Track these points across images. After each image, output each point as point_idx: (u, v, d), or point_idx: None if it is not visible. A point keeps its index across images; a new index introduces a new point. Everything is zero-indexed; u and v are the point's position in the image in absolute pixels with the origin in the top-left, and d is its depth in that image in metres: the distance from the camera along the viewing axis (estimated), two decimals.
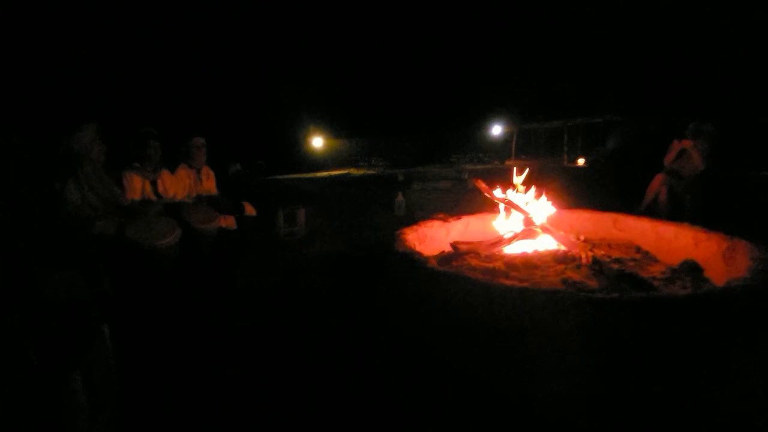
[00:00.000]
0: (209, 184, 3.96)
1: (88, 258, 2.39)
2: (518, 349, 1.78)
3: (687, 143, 4.80)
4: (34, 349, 1.04)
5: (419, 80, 25.85)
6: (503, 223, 3.25)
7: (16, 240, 1.91)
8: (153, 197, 3.40)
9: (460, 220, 3.51)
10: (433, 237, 3.24)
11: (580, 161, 16.86)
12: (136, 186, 3.34)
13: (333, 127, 23.56)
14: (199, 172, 3.88)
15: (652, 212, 4.59)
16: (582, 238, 3.11)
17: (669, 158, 4.97)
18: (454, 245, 2.81)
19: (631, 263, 2.61)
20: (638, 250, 2.96)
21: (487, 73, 24.84)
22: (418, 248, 2.74)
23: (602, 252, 2.72)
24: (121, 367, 1.47)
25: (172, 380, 2.01)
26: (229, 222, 3.63)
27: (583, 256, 2.53)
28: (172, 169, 3.70)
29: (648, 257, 2.84)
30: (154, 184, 3.47)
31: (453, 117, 23.78)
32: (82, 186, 2.63)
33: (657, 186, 4.85)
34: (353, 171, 18.79)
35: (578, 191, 6.83)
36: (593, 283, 2.25)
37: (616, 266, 2.34)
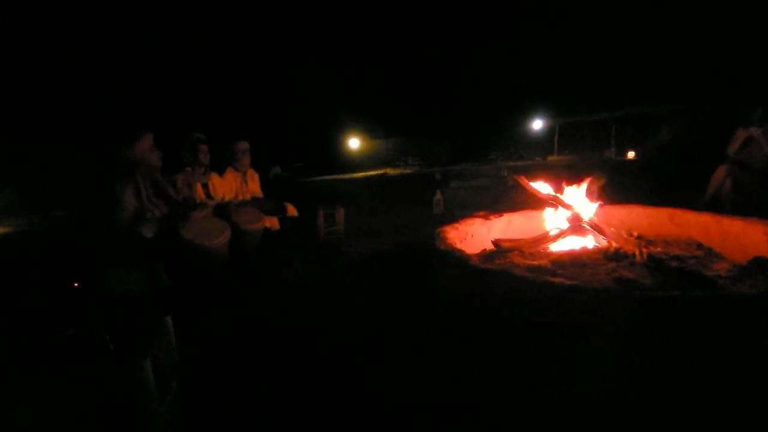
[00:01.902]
0: (254, 186, 4.13)
1: (148, 257, 2.58)
2: (567, 349, 1.71)
3: (756, 131, 4.39)
4: (110, 337, 1.15)
5: (455, 76, 25.44)
6: (548, 220, 3.13)
7: (88, 241, 2.10)
8: (204, 199, 3.60)
9: (501, 218, 3.42)
10: (474, 235, 3.18)
11: (630, 154, 15.90)
12: (188, 189, 3.55)
13: (369, 127, 23.78)
14: (244, 174, 4.06)
15: (715, 207, 4.23)
16: (635, 234, 2.93)
17: (734, 147, 4.56)
18: (496, 243, 2.74)
19: (692, 261, 2.42)
20: (700, 246, 2.75)
21: (526, 65, 23.97)
22: (459, 246, 2.71)
23: (658, 249, 2.55)
24: (181, 354, 1.58)
25: (226, 368, 2.13)
26: (272, 222, 3.78)
27: (637, 253, 2.39)
28: (220, 173, 3.90)
29: (711, 254, 2.62)
30: (204, 186, 3.68)
31: (491, 113, 23.18)
32: (140, 190, 2.83)
33: (720, 178, 4.47)
34: (390, 171, 18.87)
35: (628, 186, 6.44)
36: (649, 282, 2.12)
37: (674, 263, 2.19)
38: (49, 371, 1.17)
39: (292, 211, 4.02)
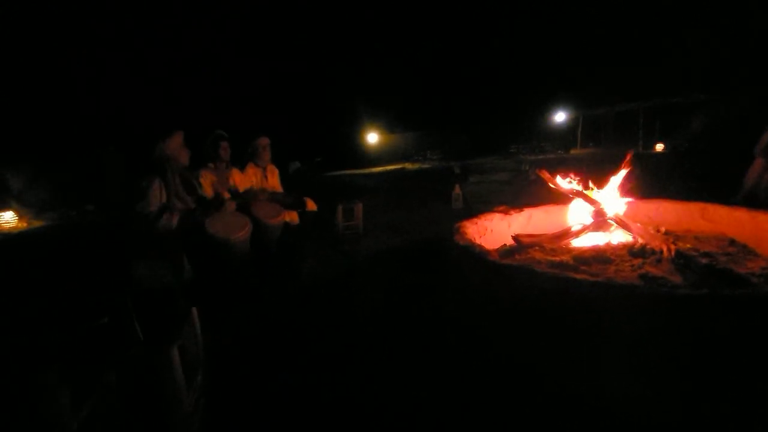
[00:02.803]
0: (274, 182, 4.19)
1: (172, 250, 2.67)
2: (590, 347, 1.68)
3: None
4: (141, 327, 1.20)
5: (474, 69, 24.95)
6: (570, 215, 3.06)
7: (119, 234, 2.18)
8: (226, 194, 3.68)
9: (522, 213, 3.37)
10: (493, 230, 3.14)
11: (658, 147, 15.29)
12: (211, 183, 3.64)
13: (388, 122, 23.69)
14: (265, 170, 4.13)
15: (751, 202, 4.03)
16: (662, 230, 2.84)
17: (762, 143, 4.32)
18: (516, 238, 2.70)
19: (724, 258, 2.32)
20: (732, 243, 2.63)
21: (547, 55, 23.25)
22: (478, 242, 2.68)
23: (688, 245, 2.46)
24: (205, 347, 1.63)
25: (247, 362, 2.18)
26: (292, 217, 3.83)
27: (665, 249, 2.31)
28: (241, 168, 3.97)
29: (745, 251, 2.51)
30: (226, 181, 3.76)
31: (511, 105, 22.66)
32: (169, 184, 2.92)
33: (757, 173, 4.24)
34: (408, 165, 18.79)
35: (656, 180, 6.22)
36: (677, 279, 2.04)
37: (704, 261, 2.11)
38: (83, 357, 1.24)
39: (311, 205, 4.07)
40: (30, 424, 1.04)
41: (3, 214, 9.03)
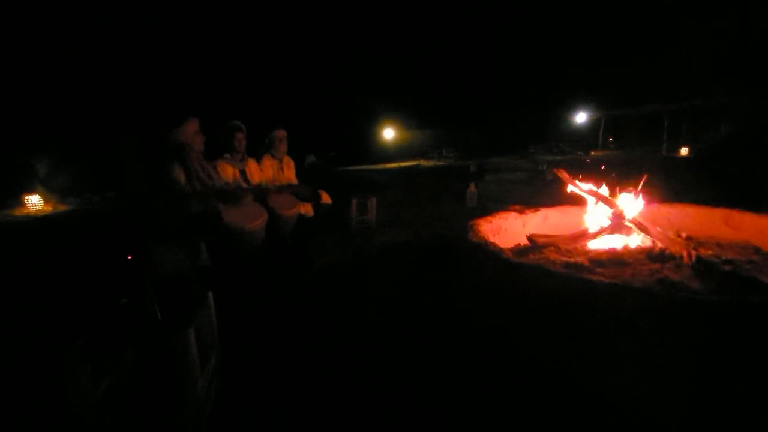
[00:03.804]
0: (290, 174, 4.23)
1: (189, 237, 2.73)
2: (603, 349, 1.65)
3: None
4: (159, 308, 1.24)
5: (492, 64, 24.52)
6: (588, 217, 3.01)
7: (139, 219, 2.24)
8: (243, 184, 3.73)
9: (538, 212, 3.32)
10: (508, 229, 3.11)
11: (683, 151, 14.82)
12: (228, 174, 3.70)
13: (404, 118, 23.58)
14: (281, 162, 4.17)
15: None
16: (683, 235, 2.76)
17: None
18: (531, 238, 2.67)
19: (748, 266, 2.25)
20: (757, 251, 2.55)
21: (568, 51, 22.66)
22: (491, 240, 2.66)
23: (709, 252, 2.39)
24: (219, 331, 1.67)
25: (259, 348, 2.23)
26: (307, 209, 3.87)
27: (685, 254, 2.25)
28: (257, 159, 4.02)
29: None
30: (242, 172, 3.81)
31: (530, 104, 22.23)
32: (189, 171, 2.99)
33: None
34: (423, 162, 18.72)
35: (680, 185, 6.04)
36: (696, 286, 1.99)
37: (727, 268, 2.04)
38: (103, 336, 1.28)
39: (326, 198, 4.09)
40: (49, 400, 1.09)
41: (30, 197, 9.38)
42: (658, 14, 19.84)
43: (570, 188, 2.99)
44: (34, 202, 9.30)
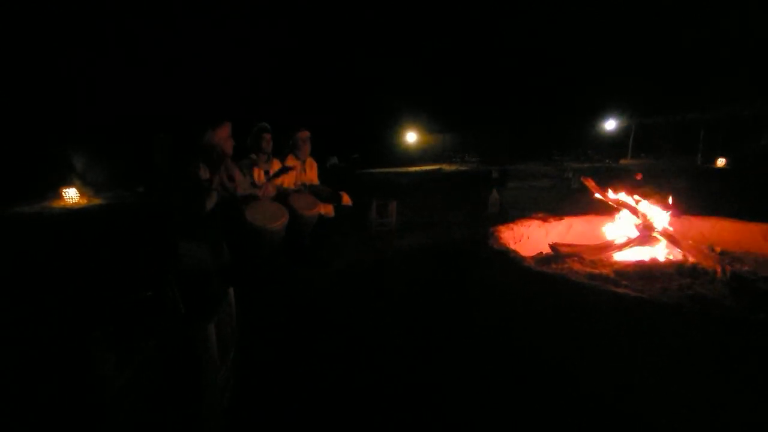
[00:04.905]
0: (312, 175, 4.28)
1: (213, 235, 2.80)
2: (628, 363, 1.59)
3: None
4: (182, 301, 1.28)
5: (517, 69, 24.06)
6: (614, 227, 2.91)
7: (166, 215, 2.32)
8: (267, 185, 3.80)
9: (561, 221, 3.24)
10: (530, 237, 3.05)
11: (720, 161, 14.15)
12: (254, 174, 3.78)
13: (426, 122, 23.50)
14: (303, 163, 4.23)
15: None
16: (717, 250, 2.64)
17: None
18: (554, 246, 2.60)
19: None
20: None
21: (598, 56, 21.96)
22: (513, 247, 2.61)
23: (746, 268, 2.27)
24: (240, 322, 1.70)
25: (277, 343, 2.26)
26: (327, 210, 3.90)
27: (719, 270, 2.14)
28: (282, 160, 4.09)
29: None
30: (267, 173, 3.89)
31: (557, 109, 21.72)
32: (215, 172, 3.07)
33: None
34: (445, 167, 18.58)
35: (715, 197, 5.77)
36: (730, 303, 1.89)
37: (765, 286, 1.93)
38: (129, 326, 1.33)
39: (347, 200, 4.12)
40: (75, 384, 1.14)
41: (68, 190, 9.86)
42: (694, 20, 19.02)
43: (597, 195, 2.91)
44: (71, 195, 9.77)
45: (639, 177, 6.89)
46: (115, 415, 1.19)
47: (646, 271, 2.28)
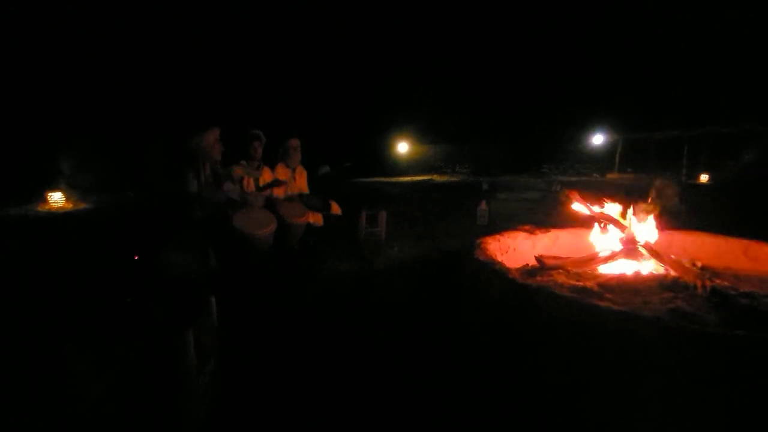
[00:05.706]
0: (302, 183, 4.28)
1: (198, 241, 2.77)
2: (609, 376, 1.60)
3: None
4: (160, 308, 1.26)
5: (508, 82, 24.49)
6: (599, 240, 2.95)
7: (151, 221, 2.29)
8: (255, 192, 3.79)
9: (548, 233, 3.28)
10: (516, 249, 3.08)
11: (703, 178, 14.51)
12: (242, 180, 3.76)
13: (418, 133, 23.71)
14: (293, 170, 4.23)
15: None
16: (698, 264, 2.69)
17: None
18: (539, 259, 2.63)
19: (767, 300, 2.17)
20: None
21: (589, 71, 22.51)
22: (499, 259, 2.63)
23: (726, 283, 2.31)
24: (221, 335, 1.68)
25: (260, 353, 2.23)
26: (316, 218, 3.89)
27: (699, 284, 2.18)
28: (272, 167, 4.08)
29: None
30: (256, 180, 3.87)
31: (546, 123, 22.12)
32: (200, 176, 3.05)
33: None
34: (436, 177, 18.70)
35: (698, 213, 5.90)
36: (710, 318, 1.92)
37: (744, 301, 1.98)
38: (108, 332, 1.30)
39: (336, 209, 4.12)
40: (50, 391, 1.11)
41: (53, 194, 9.67)
42: (680, 39, 19.67)
43: (577, 207, 2.95)
44: (56, 198, 9.58)
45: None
46: (92, 424, 1.16)
47: (629, 285, 2.31)
